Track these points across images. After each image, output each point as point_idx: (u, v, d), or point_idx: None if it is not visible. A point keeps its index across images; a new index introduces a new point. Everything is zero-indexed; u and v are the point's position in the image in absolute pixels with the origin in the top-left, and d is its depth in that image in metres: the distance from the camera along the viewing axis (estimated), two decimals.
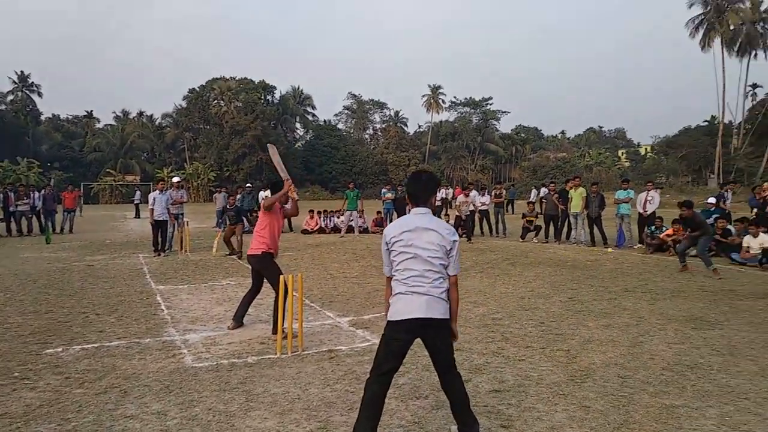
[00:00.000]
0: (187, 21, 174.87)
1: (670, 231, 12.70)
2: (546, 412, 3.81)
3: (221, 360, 5.03)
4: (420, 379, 4.48)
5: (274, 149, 6.59)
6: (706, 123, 59.94)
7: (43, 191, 19.14)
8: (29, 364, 4.92)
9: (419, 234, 3.28)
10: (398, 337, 3.26)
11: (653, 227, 13.25)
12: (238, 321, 6.17)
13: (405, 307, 3.23)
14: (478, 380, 4.45)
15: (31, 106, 62.65)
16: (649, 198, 13.82)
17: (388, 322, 3.32)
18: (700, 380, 4.45)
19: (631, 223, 14.07)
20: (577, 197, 14.18)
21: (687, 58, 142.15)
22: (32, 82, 62.23)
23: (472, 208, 15.98)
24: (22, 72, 61.34)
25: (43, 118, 66.33)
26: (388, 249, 3.37)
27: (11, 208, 17.61)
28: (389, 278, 3.40)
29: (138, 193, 31.61)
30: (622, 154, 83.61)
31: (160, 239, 12.57)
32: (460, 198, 16.05)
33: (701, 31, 49.33)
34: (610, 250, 13.20)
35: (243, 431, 3.57)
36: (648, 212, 13.62)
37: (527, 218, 16.25)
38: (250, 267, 6.16)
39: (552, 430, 3.55)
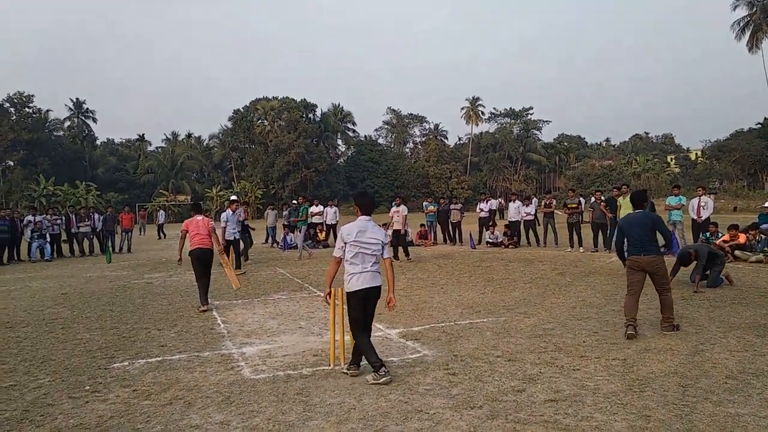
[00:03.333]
0: (227, 44, 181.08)
1: (726, 237, 12.25)
2: (605, 422, 3.77)
3: (277, 372, 5.17)
4: (473, 390, 4.49)
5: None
6: (760, 125, 57.51)
7: (105, 213, 20.12)
8: (99, 377, 5.18)
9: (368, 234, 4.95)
10: (359, 302, 4.88)
11: (708, 234, 12.80)
12: (205, 303, 8.30)
13: (359, 281, 4.86)
14: (533, 390, 4.43)
15: (87, 132, 65.79)
16: (702, 204, 13.40)
17: (349, 292, 4.91)
18: (767, 389, 4.30)
19: (684, 230, 13.65)
20: (626, 205, 13.84)
21: (735, 60, 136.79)
22: (87, 108, 65.45)
23: (398, 221, 14.16)
24: (77, 99, 64.68)
25: (98, 142, 69.59)
26: (345, 242, 4.90)
27: (73, 230, 18.55)
28: (339, 260, 4.97)
29: (161, 213, 31.65)
30: (671, 159, 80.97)
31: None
32: (393, 209, 14.29)
33: (747, 33, 47.61)
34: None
35: None
36: (702, 218, 13.19)
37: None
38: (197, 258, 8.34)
39: None
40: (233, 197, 16.44)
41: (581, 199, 16.42)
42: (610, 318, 6.92)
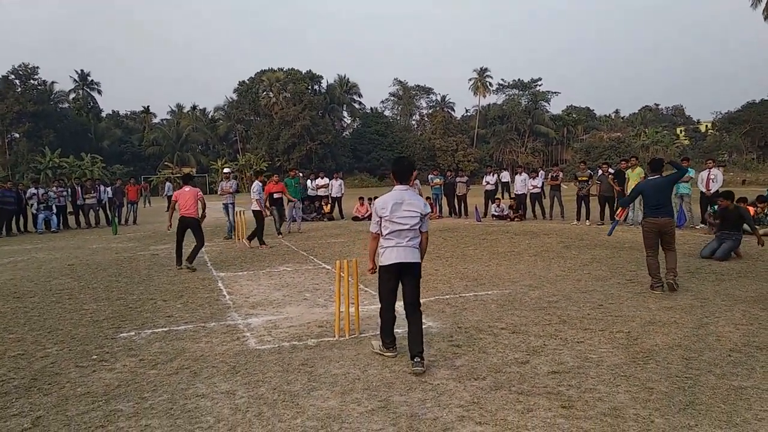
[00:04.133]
0: (234, 15, 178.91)
1: None
2: (607, 394, 3.78)
3: (283, 342, 5.21)
4: (477, 361, 4.51)
5: None
6: None
7: (115, 185, 20.22)
8: (106, 347, 5.23)
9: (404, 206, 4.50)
10: (389, 277, 4.54)
11: (715, 206, 12.69)
12: (180, 263, 9.53)
13: (391, 255, 4.50)
14: (536, 362, 4.44)
15: (92, 104, 65.48)
16: (711, 176, 13.26)
17: (380, 266, 4.57)
18: None
19: (691, 203, 13.55)
20: (634, 178, 13.75)
21: (748, 30, 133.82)
22: (92, 80, 65.04)
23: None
24: (82, 71, 64.19)
25: (103, 114, 69.26)
26: (380, 217, 4.51)
27: (79, 202, 18.61)
28: (377, 235, 4.62)
29: (168, 185, 31.89)
30: (681, 131, 79.95)
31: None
32: None
33: (764, 1, 46.36)
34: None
35: (307, 410, 3.70)
36: (712, 191, 13.08)
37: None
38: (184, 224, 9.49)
39: (614, 411, 3.51)
40: (226, 170, 16.42)
41: (590, 172, 16.36)
42: (614, 291, 6.91)
